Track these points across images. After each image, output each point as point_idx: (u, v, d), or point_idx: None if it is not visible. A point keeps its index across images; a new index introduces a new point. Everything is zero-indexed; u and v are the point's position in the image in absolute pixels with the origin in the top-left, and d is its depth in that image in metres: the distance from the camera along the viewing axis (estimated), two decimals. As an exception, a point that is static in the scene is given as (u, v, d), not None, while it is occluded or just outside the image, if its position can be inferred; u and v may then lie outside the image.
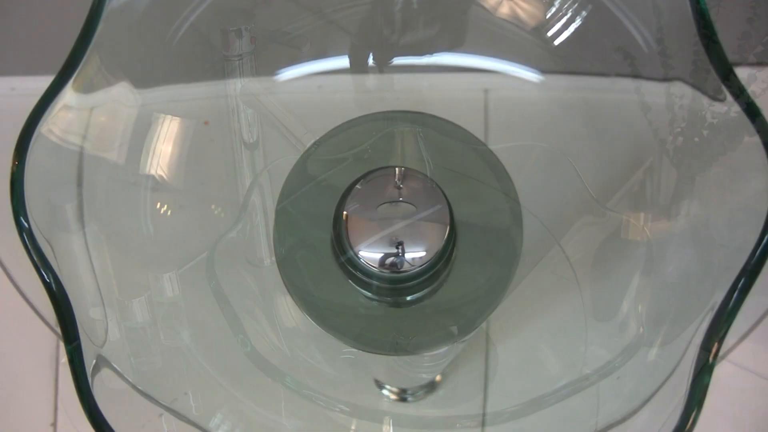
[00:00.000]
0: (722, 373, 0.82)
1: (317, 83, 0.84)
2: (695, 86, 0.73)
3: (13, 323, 0.87)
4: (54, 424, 1.00)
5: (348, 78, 0.83)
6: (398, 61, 0.81)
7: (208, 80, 0.83)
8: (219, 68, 0.81)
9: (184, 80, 0.81)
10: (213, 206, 0.81)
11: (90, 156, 0.74)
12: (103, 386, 0.66)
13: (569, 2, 0.80)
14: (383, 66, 0.81)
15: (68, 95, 0.69)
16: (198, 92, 0.83)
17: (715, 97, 0.69)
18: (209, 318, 0.79)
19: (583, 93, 0.82)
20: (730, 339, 0.75)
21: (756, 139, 0.65)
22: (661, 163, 0.78)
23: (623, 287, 0.79)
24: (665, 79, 0.78)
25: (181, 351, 0.77)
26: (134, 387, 0.72)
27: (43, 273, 0.65)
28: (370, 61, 0.81)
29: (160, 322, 0.77)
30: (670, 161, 0.77)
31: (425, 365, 0.83)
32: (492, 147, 0.79)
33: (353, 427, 0.80)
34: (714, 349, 0.65)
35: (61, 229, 0.71)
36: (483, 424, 0.82)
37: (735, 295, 0.65)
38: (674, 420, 0.65)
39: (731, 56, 0.66)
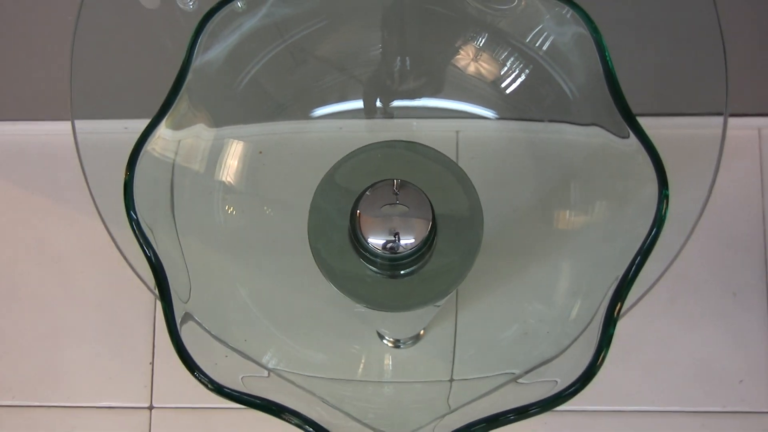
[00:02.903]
0: (622, 327, 0.82)
1: (338, 125, 0.83)
2: (606, 128, 0.73)
3: (123, 287, 0.87)
4: (152, 363, 0.99)
5: (362, 122, 0.83)
6: (397, 103, 0.82)
7: (263, 121, 0.83)
8: (271, 111, 0.81)
9: (244, 120, 0.81)
10: (265, 207, 0.81)
11: (179, 167, 0.74)
12: (188, 333, 0.66)
13: (516, 63, 0.79)
14: (386, 106, 0.81)
15: (162, 129, 0.69)
16: (255, 130, 0.82)
17: (621, 135, 0.69)
18: (261, 282, 0.79)
19: (528, 133, 0.82)
20: (628, 302, 0.75)
21: (649, 161, 0.65)
22: (581, 179, 0.78)
23: (554, 265, 0.79)
24: (585, 124, 0.78)
25: (241, 306, 0.77)
26: (210, 333, 0.72)
27: (146, 250, 0.65)
28: (378, 102, 0.82)
29: (226, 284, 0.77)
30: (588, 177, 0.77)
31: (413, 321, 0.83)
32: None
33: (363, 360, 0.80)
34: (617, 309, 0.65)
35: (159, 218, 0.71)
36: (453, 362, 0.81)
37: (633, 270, 0.65)
38: (588, 358, 0.65)
39: (633, 106, 0.66)
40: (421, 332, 0.85)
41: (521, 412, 0.63)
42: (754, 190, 0.92)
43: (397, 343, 0.85)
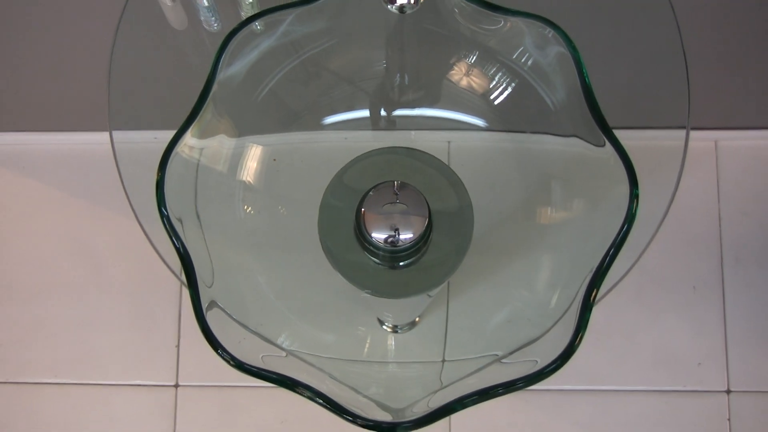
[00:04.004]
0: (594, 316, 0.82)
1: (344, 136, 0.83)
2: (583, 138, 0.73)
3: (151, 279, 0.86)
4: (177, 346, 0.99)
5: (364, 133, 0.82)
6: (398, 112, 0.81)
7: (280, 130, 0.82)
8: (288, 119, 0.81)
9: (263, 128, 0.81)
10: (279, 207, 0.81)
11: (204, 168, 0.74)
12: (211, 318, 0.66)
13: (504, 78, 0.79)
14: (389, 115, 0.81)
15: (188, 137, 0.69)
16: (269, 140, 0.82)
17: (597, 144, 0.69)
18: (277, 272, 0.78)
19: (512, 143, 0.82)
20: (600, 293, 0.75)
21: (621, 165, 0.65)
22: (561, 181, 0.77)
23: (536, 259, 0.79)
24: (565, 135, 0.78)
25: (260, 293, 0.77)
26: (232, 317, 0.72)
27: (175, 241, 0.65)
28: (382, 111, 0.82)
29: (245, 274, 0.77)
30: (566, 180, 0.77)
31: (410, 309, 0.83)
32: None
33: (368, 340, 0.79)
34: (593, 296, 0.64)
35: (186, 214, 0.70)
36: (445, 345, 0.81)
37: (606, 261, 0.64)
38: (567, 340, 0.64)
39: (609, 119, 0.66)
40: (417, 319, 0.84)
41: (509, 386, 0.63)
42: (711, 195, 0.92)
43: (395, 329, 0.84)
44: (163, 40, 0.90)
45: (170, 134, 0.77)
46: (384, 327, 0.83)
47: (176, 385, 1.01)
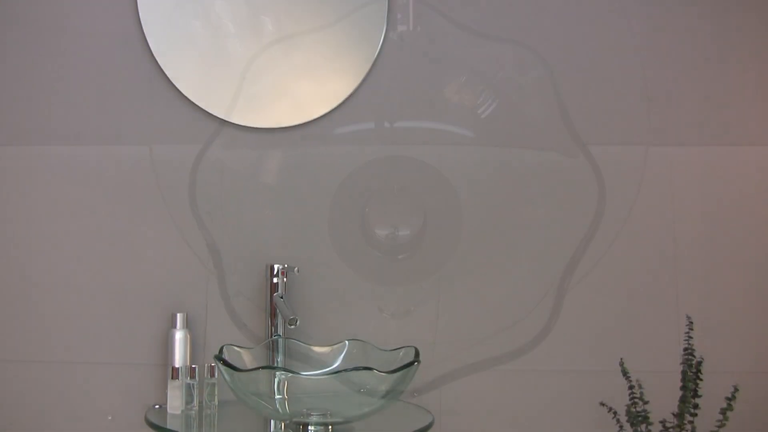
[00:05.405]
0: (567, 306, 0.81)
1: (349, 149, 0.84)
2: (559, 151, 0.74)
3: (182, 271, 0.86)
4: (204, 331, 1.00)
5: (368, 147, 0.83)
6: (399, 124, 0.83)
7: (294, 144, 0.84)
8: (301, 131, 0.82)
9: (278, 143, 0.82)
10: (293, 208, 0.82)
11: (229, 173, 0.75)
12: (236, 303, 0.66)
13: (489, 95, 0.81)
14: (392, 126, 0.82)
15: (215, 147, 0.70)
16: (287, 151, 0.83)
17: (571, 156, 0.70)
18: (293, 263, 0.79)
19: (495, 157, 0.83)
20: (573, 284, 0.76)
21: (592, 173, 0.67)
22: (539, 187, 0.79)
23: (516, 253, 0.79)
24: (543, 149, 0.80)
25: (277, 281, 0.77)
26: (252, 302, 0.72)
27: (206, 237, 0.67)
28: (386, 124, 0.83)
29: (265, 263, 0.78)
30: (545, 186, 0.79)
31: (407, 298, 0.83)
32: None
33: (371, 324, 0.81)
34: (568, 282, 0.66)
35: (214, 212, 0.71)
36: (436, 330, 0.82)
37: (579, 254, 0.66)
38: (543, 322, 0.66)
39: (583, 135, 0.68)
40: (412, 308, 0.85)
41: (496, 360, 0.64)
42: (666, 200, 0.92)
43: (393, 316, 0.85)
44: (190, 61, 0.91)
45: (199, 146, 0.79)
46: (384, 314, 0.84)
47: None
